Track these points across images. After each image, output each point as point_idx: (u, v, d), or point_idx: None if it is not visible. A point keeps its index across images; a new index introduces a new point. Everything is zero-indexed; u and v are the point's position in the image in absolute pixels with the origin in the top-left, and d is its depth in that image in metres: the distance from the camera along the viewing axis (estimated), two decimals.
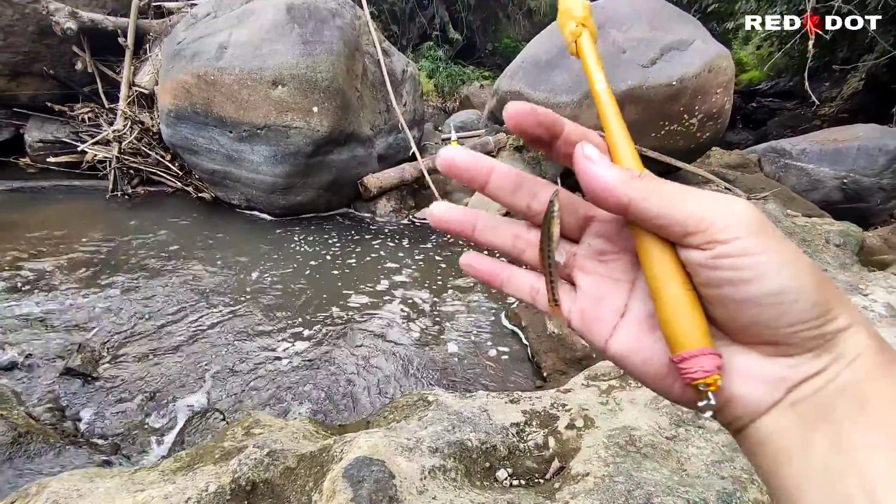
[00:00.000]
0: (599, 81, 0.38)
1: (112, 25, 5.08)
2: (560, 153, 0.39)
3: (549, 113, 0.37)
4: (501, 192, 0.41)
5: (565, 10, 0.42)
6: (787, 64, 13.99)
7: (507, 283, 0.45)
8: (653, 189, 0.33)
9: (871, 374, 0.30)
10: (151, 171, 5.10)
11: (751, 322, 0.32)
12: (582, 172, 0.35)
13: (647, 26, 4.58)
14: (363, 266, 3.76)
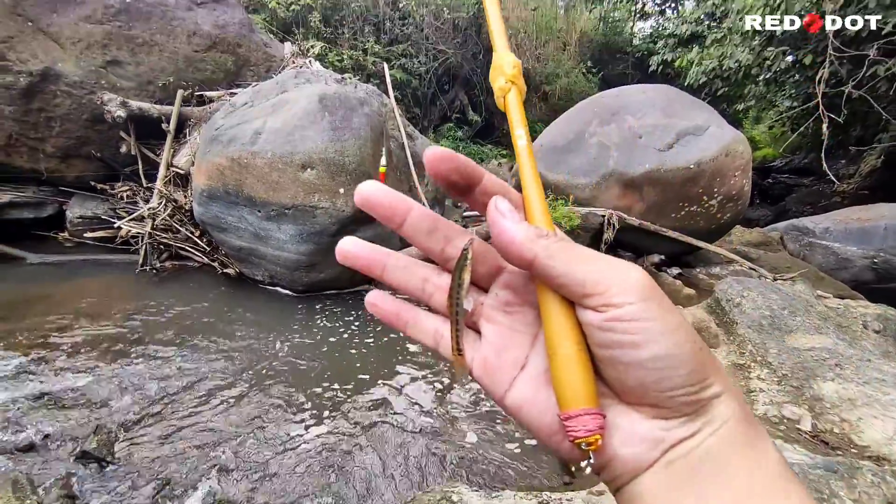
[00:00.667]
0: (521, 138, 0.40)
1: (157, 113, 5.47)
2: (477, 202, 0.40)
3: (468, 161, 0.39)
4: (417, 234, 0.42)
5: (497, 67, 0.43)
6: (801, 142, 14.26)
7: (411, 326, 0.44)
8: (557, 249, 0.35)
9: (733, 441, 0.33)
10: (180, 246, 5.27)
11: (636, 384, 0.33)
12: (492, 224, 0.37)
13: (661, 113, 4.76)
14: (382, 346, 3.72)
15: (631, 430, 0.34)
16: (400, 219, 0.41)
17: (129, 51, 5.48)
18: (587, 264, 0.34)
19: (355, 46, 10.91)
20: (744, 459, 0.32)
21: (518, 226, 0.36)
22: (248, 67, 6.45)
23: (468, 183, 0.39)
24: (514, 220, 0.36)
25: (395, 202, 0.41)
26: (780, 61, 8.58)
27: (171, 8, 5.75)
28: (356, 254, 0.44)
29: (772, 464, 0.32)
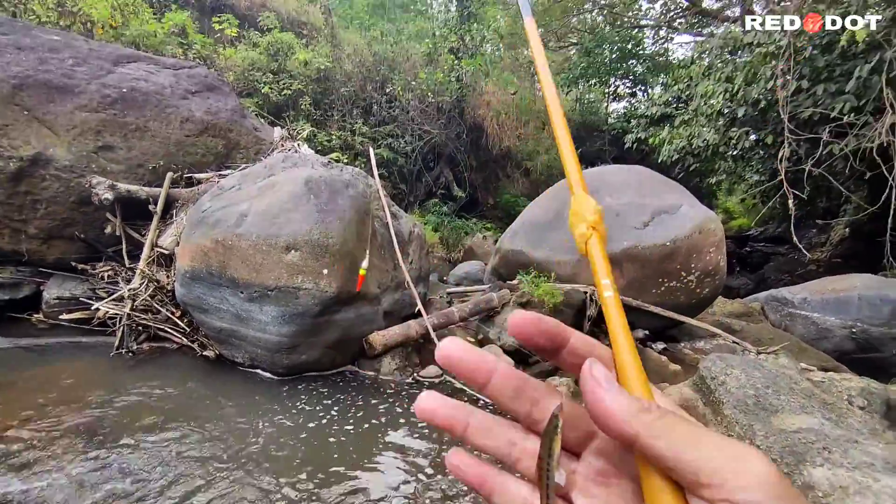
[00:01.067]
0: (607, 288, 0.37)
1: (145, 195, 5.57)
2: (566, 363, 0.38)
3: (553, 323, 0.37)
4: (501, 396, 0.39)
5: (577, 213, 0.42)
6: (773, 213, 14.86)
7: (496, 493, 0.40)
8: (664, 427, 0.31)
9: None
10: (160, 327, 5.16)
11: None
12: (588, 394, 0.33)
13: (636, 193, 4.98)
14: (363, 433, 3.59)
15: None
16: (483, 379, 0.39)
17: (121, 136, 5.66)
18: (700, 448, 0.30)
19: (344, 127, 11.42)
20: None
21: (617, 398, 0.33)
22: (237, 150, 6.68)
23: (555, 345, 0.38)
24: (611, 389, 0.33)
25: (479, 362, 0.39)
26: (744, 140, 9.13)
27: (167, 97, 6.02)
28: (435, 410, 0.41)
29: None
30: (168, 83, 6.13)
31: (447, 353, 0.39)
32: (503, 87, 13.07)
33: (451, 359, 0.39)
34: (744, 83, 8.35)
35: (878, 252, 8.15)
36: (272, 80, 10.94)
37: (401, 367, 4.66)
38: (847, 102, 6.79)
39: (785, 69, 7.34)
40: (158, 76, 6.12)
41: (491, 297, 5.05)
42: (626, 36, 17.02)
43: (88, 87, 5.49)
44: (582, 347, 0.38)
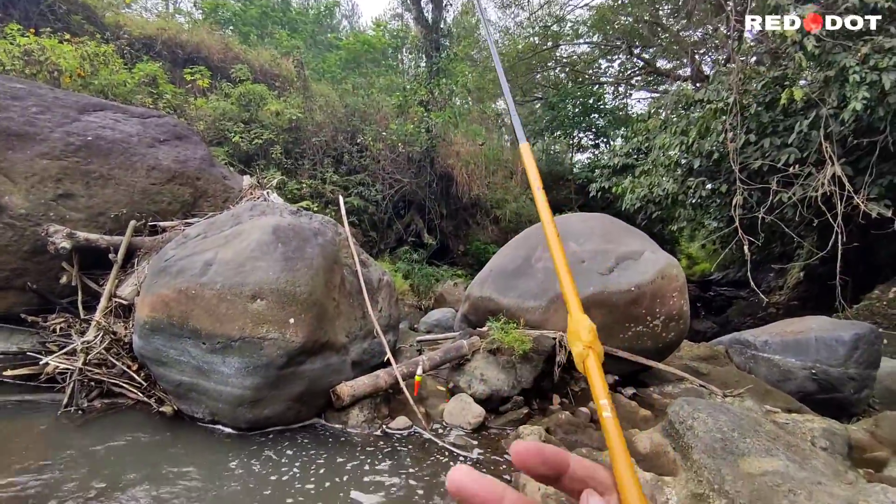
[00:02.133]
0: (605, 409, 0.39)
1: (106, 244, 5.41)
2: (566, 488, 0.39)
3: (554, 451, 0.38)
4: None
5: (573, 332, 0.45)
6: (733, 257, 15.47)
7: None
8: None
9: None
10: (114, 381, 4.89)
11: None
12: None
13: (600, 240, 5.13)
14: (329, 492, 3.42)
15: None
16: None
17: (83, 184, 5.55)
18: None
19: (314, 176, 11.49)
20: None
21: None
22: (205, 199, 6.62)
23: (557, 472, 0.38)
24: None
25: (489, 491, 0.38)
26: (701, 189, 9.61)
27: (133, 145, 5.98)
28: (469, 487, 0.39)
29: None
30: (135, 131, 6.10)
31: (459, 483, 0.38)
32: (472, 138, 13.52)
33: (461, 489, 0.38)
34: (697, 136, 8.88)
35: (832, 294, 8.56)
36: (243, 129, 11.03)
37: (369, 420, 4.51)
38: (791, 154, 7.28)
39: (734, 124, 7.87)
40: (125, 125, 6.09)
41: (461, 344, 5.01)
42: (588, 92, 18.01)
43: (51, 135, 5.41)
44: (581, 472, 0.39)
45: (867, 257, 9.18)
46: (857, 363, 5.94)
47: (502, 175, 13.77)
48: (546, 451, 0.38)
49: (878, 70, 5.98)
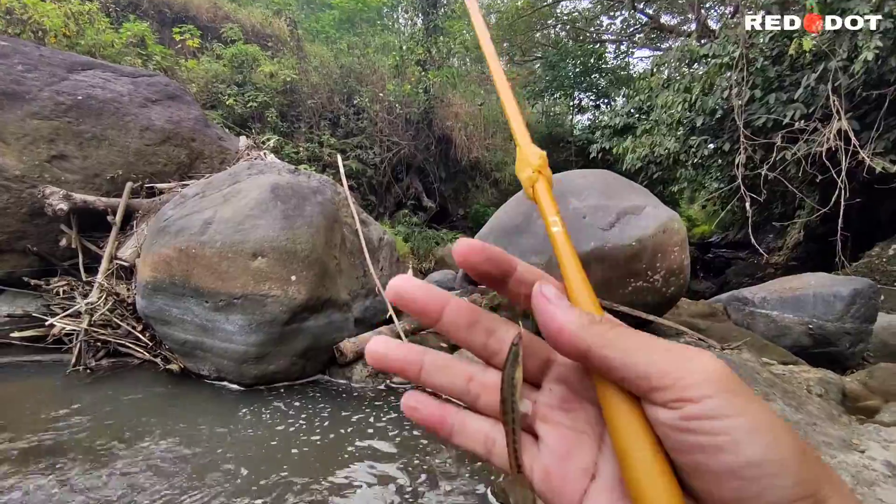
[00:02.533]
0: (555, 224, 0.38)
1: (103, 206, 5.36)
2: (513, 293, 0.37)
3: (499, 251, 0.36)
4: (456, 329, 0.38)
5: (522, 159, 0.43)
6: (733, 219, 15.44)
7: (457, 433, 0.39)
8: (614, 336, 0.31)
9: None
10: (120, 342, 4.94)
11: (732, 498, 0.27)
12: (539, 313, 0.33)
13: (601, 195, 5.08)
14: (334, 442, 3.50)
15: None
16: (436, 313, 0.37)
17: (76, 145, 5.46)
18: (650, 353, 0.29)
19: (311, 139, 11.33)
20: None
21: (568, 313, 0.32)
22: (201, 160, 6.53)
23: (502, 273, 0.37)
24: (562, 305, 0.33)
25: (430, 296, 0.37)
26: (703, 148, 9.49)
27: (125, 105, 5.85)
28: (389, 356, 0.39)
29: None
30: (126, 91, 5.96)
31: (398, 289, 0.37)
32: (470, 100, 13.24)
33: (402, 295, 0.37)
34: (701, 93, 8.72)
35: (832, 252, 8.57)
36: (237, 92, 10.78)
37: (373, 375, 4.59)
38: (797, 110, 7.15)
39: (739, 79, 7.70)
40: (116, 84, 5.94)
41: None
42: (589, 50, 17.57)
43: (40, 94, 5.29)
44: (529, 276, 0.37)
45: (868, 215, 9.14)
46: (853, 318, 6.00)
47: (502, 137, 13.55)
48: (491, 249, 0.36)
49: (892, 18, 5.80)
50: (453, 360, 0.39)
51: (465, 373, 0.39)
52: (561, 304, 0.33)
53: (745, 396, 0.27)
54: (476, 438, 0.38)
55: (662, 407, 0.28)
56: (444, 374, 0.39)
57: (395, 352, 0.39)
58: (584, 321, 0.32)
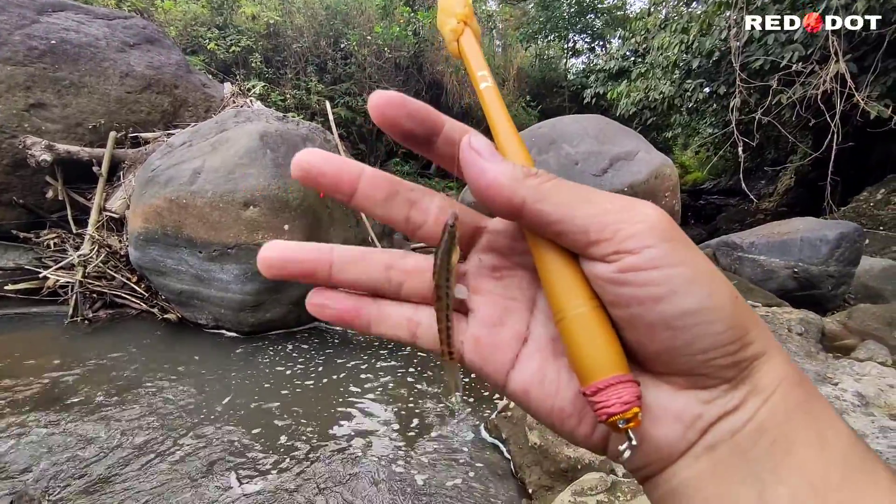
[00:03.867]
0: (484, 79, 0.35)
1: (88, 156, 5.25)
2: (439, 153, 0.33)
3: (423, 105, 0.32)
4: (373, 203, 0.34)
5: (445, 9, 0.38)
6: (725, 166, 15.39)
7: (376, 323, 0.35)
8: (550, 189, 0.29)
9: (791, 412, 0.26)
10: (116, 293, 4.98)
11: (664, 348, 0.27)
12: (468, 167, 0.30)
13: (594, 141, 5.04)
14: (330, 385, 3.62)
15: (661, 406, 0.28)
16: (349, 187, 0.33)
17: (54, 93, 5.27)
18: (589, 205, 0.28)
19: (298, 86, 10.96)
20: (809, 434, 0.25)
21: (500, 165, 0.29)
22: (186, 108, 6.34)
23: (427, 131, 0.32)
24: (493, 159, 0.30)
25: (342, 169, 0.33)
26: (698, 92, 9.33)
27: (102, 49, 5.61)
28: (289, 260, 0.33)
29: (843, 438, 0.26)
30: (102, 35, 5.70)
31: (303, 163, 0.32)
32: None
33: (308, 169, 0.32)
34: (699, 34, 8.46)
35: (822, 197, 8.63)
36: (218, 35, 10.31)
37: None
38: (795, 52, 6.99)
39: (738, 19, 7.46)
40: (90, 27, 5.67)
41: None
42: None
43: (11, 38, 5.05)
44: (459, 133, 0.33)
45: (859, 160, 9.16)
46: (837, 261, 6.14)
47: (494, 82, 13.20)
48: (413, 102, 0.31)
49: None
50: (367, 251, 0.36)
51: (381, 262, 0.35)
52: (492, 156, 0.30)
53: (684, 246, 0.26)
54: (398, 324, 0.35)
55: (601, 261, 0.27)
56: (358, 267, 0.34)
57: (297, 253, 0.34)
58: (517, 174, 0.29)
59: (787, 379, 0.27)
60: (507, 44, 14.95)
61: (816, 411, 0.26)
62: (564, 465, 2.43)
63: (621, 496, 1.81)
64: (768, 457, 0.25)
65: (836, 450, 0.25)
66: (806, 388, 0.27)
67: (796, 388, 0.27)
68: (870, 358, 3.38)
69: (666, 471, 0.28)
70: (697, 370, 0.27)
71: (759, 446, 0.26)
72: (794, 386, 0.27)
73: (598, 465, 2.23)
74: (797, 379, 0.27)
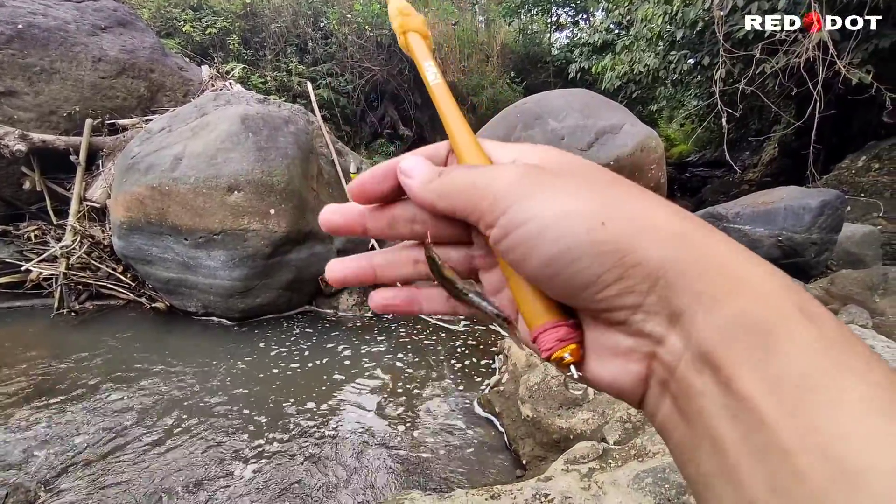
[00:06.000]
0: (430, 70, 0.37)
1: (64, 145, 5.12)
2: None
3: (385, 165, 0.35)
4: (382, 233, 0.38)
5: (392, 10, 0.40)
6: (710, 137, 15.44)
7: (425, 303, 0.40)
8: (443, 184, 0.31)
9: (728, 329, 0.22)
10: (101, 284, 4.92)
11: (558, 295, 0.28)
12: (403, 186, 0.33)
13: (580, 115, 5.01)
14: (326, 367, 3.64)
15: (600, 344, 0.28)
16: (361, 229, 0.37)
17: (25, 80, 5.10)
18: (464, 191, 0.29)
19: (278, 68, 10.74)
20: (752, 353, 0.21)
21: (414, 178, 0.32)
22: (163, 93, 6.19)
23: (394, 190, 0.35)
24: (414, 172, 0.32)
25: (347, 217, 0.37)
26: (682, 63, 9.29)
27: (72, 34, 5.42)
28: (346, 274, 0.39)
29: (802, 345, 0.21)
30: (71, 18, 5.50)
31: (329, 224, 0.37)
32: (444, 19, 12.54)
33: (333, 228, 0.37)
34: (682, 4, 8.39)
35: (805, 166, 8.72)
36: (193, 17, 10.02)
37: (359, 303, 4.69)
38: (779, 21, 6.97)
39: None
40: (58, 10, 5.46)
41: None
42: None
43: None
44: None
45: (841, 128, 9.23)
46: (820, 229, 6.24)
47: (477, 59, 13.01)
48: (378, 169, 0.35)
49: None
50: (395, 253, 0.39)
51: (408, 259, 0.39)
52: (414, 171, 0.33)
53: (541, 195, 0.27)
54: (440, 301, 0.39)
55: (488, 236, 0.29)
56: (393, 270, 0.39)
57: (349, 267, 0.39)
58: (425, 179, 0.32)
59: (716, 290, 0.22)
60: (489, 19, 14.72)
61: (762, 320, 0.21)
62: (557, 435, 2.48)
63: (612, 462, 1.86)
64: (715, 387, 0.22)
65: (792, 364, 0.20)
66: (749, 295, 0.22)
67: (732, 298, 0.22)
68: (852, 321, 3.47)
69: (644, 408, 0.28)
70: (596, 306, 0.26)
71: (704, 377, 0.22)
72: (729, 296, 0.22)
73: (590, 435, 2.28)
74: (732, 286, 0.22)
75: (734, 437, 0.21)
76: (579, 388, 2.47)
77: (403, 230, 0.37)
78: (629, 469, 1.78)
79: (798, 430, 0.19)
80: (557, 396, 2.51)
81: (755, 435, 0.20)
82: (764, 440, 0.20)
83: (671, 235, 0.24)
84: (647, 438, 1.92)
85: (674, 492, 1.59)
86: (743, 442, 0.20)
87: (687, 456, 0.24)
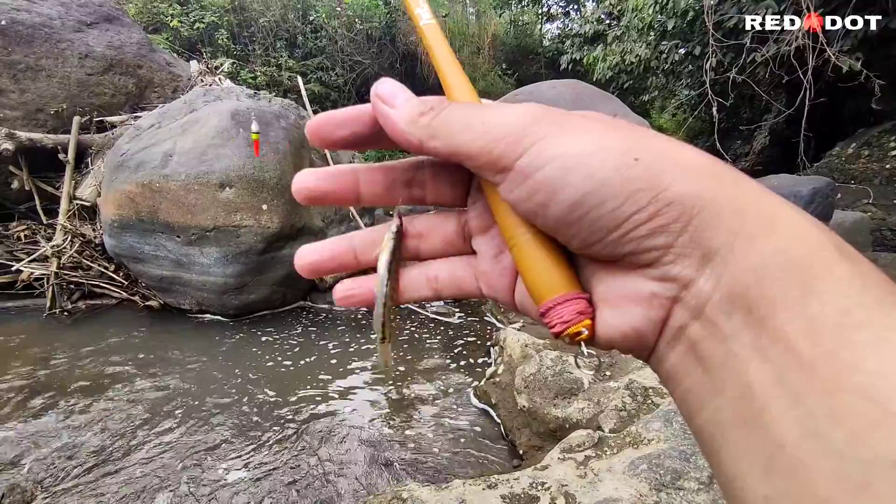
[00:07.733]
0: (423, 16, 0.35)
1: (52, 143, 5.06)
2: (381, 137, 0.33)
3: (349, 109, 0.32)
4: (377, 198, 0.35)
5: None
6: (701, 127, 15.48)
7: (406, 293, 0.37)
8: (439, 124, 0.28)
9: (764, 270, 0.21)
10: (94, 283, 4.88)
11: (581, 242, 0.26)
12: (378, 115, 0.30)
13: (571, 106, 4.97)
14: (322, 362, 3.64)
15: (616, 292, 0.26)
16: (352, 195, 0.34)
17: (10, 78, 5.03)
18: (469, 132, 0.27)
19: (268, 62, 10.66)
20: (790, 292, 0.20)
21: (398, 109, 0.29)
22: (151, 89, 6.12)
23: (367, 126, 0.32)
24: (396, 102, 0.30)
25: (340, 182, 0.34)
26: (673, 53, 9.30)
27: (57, 30, 5.34)
28: (319, 259, 0.36)
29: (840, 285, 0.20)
30: (56, 13, 5.42)
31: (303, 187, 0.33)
32: (434, 10, 12.47)
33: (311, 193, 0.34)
34: None
35: (795, 154, 8.76)
36: (180, 12, 9.92)
37: None
38: (768, 8, 6.99)
39: None
40: (42, 6, 5.38)
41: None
42: None
43: None
44: None
45: (831, 116, 9.28)
46: (813, 214, 6.28)
47: (469, 51, 12.96)
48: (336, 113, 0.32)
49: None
50: (376, 231, 0.37)
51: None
52: (392, 99, 0.30)
53: (561, 133, 0.25)
54: (420, 286, 0.36)
55: (498, 183, 0.27)
56: (375, 249, 0.36)
57: (324, 249, 0.36)
58: (413, 114, 0.29)
59: (753, 229, 0.22)
60: (480, 11, 14.64)
61: (800, 257, 0.20)
62: (553, 425, 2.50)
63: (608, 450, 1.88)
64: (745, 329, 0.21)
65: (832, 302, 0.19)
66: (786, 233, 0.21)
67: (768, 237, 0.21)
68: None
69: (652, 358, 0.27)
70: (621, 249, 0.24)
71: (734, 320, 0.21)
72: (766, 235, 0.21)
73: (586, 424, 2.30)
74: (768, 225, 0.22)
75: (765, 380, 0.20)
76: (575, 381, 2.49)
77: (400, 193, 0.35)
78: (624, 456, 1.80)
79: (839, 369, 0.18)
80: (553, 386, 2.53)
81: (790, 375, 0.19)
82: (800, 381, 0.19)
83: (704, 173, 0.23)
84: (641, 426, 1.93)
85: (668, 478, 1.61)
86: (775, 384, 0.19)
87: (699, 404, 0.23)
